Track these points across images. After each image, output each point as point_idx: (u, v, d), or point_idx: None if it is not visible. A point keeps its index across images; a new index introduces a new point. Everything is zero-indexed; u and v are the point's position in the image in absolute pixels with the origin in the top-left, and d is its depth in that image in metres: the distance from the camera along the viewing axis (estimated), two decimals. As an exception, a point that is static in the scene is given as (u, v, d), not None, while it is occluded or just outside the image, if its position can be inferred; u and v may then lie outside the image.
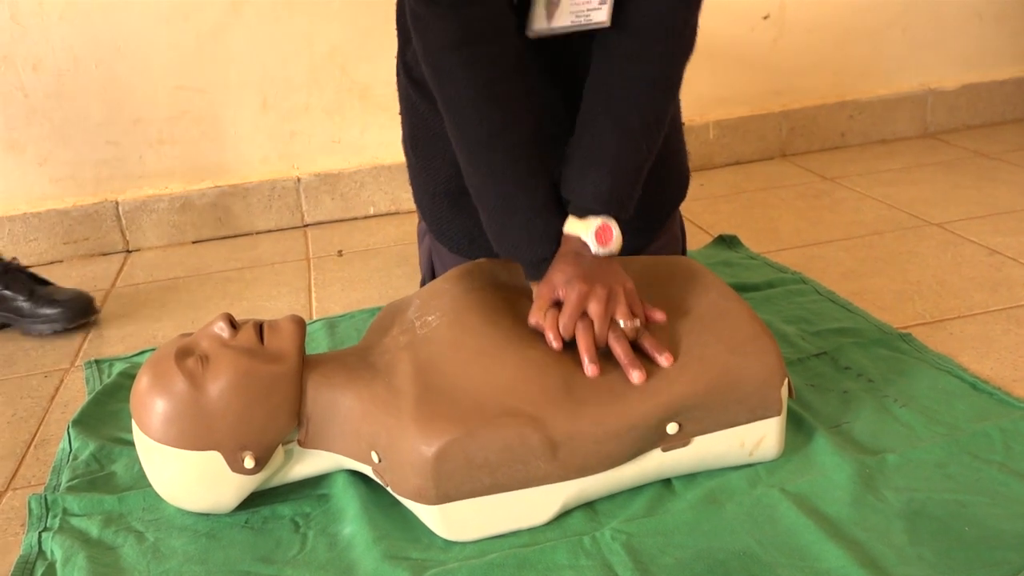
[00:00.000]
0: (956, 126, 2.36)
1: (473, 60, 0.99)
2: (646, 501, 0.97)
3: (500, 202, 1.05)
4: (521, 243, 1.05)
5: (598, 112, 1.04)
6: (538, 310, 1.02)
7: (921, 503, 0.93)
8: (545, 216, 1.05)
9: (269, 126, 2.02)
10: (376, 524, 0.96)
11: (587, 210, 1.04)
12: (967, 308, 1.38)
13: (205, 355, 0.97)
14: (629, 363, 0.96)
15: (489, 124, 1.02)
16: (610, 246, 1.03)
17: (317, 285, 1.73)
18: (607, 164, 1.04)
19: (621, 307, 1.00)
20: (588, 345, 0.98)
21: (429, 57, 1.02)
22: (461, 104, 1.02)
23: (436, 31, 0.99)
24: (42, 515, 1.03)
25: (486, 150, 1.03)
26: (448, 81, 1.01)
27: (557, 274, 1.02)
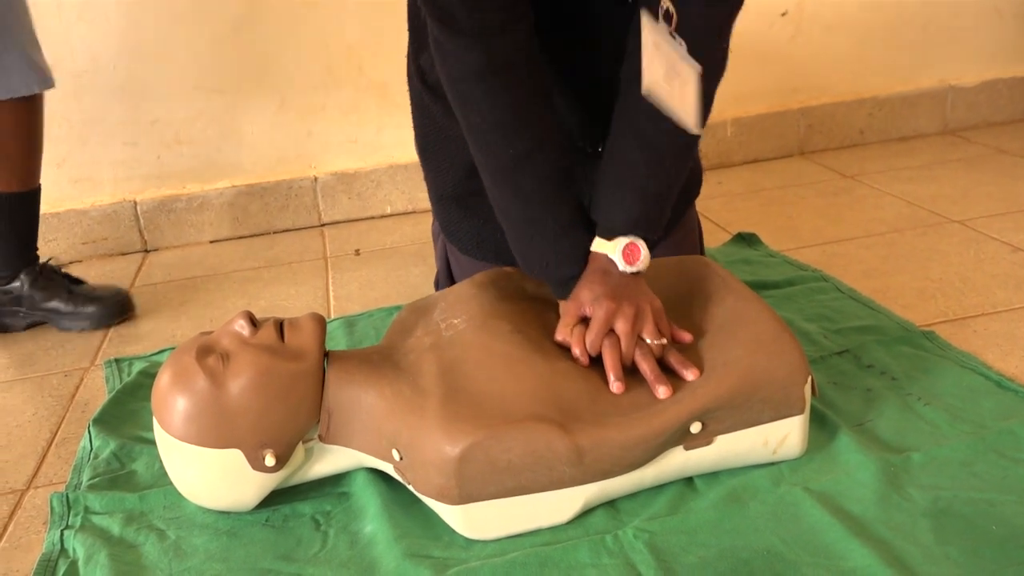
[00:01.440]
0: (976, 123, 2.34)
1: (499, 86, 0.99)
2: (669, 500, 0.97)
3: (526, 224, 1.05)
4: (548, 262, 1.05)
5: (627, 137, 1.04)
6: (565, 327, 1.02)
7: (947, 502, 0.92)
8: (572, 235, 1.05)
9: (286, 126, 2.03)
10: (397, 522, 0.96)
11: (615, 232, 1.04)
12: (991, 305, 1.37)
13: (226, 353, 0.96)
14: (655, 379, 0.97)
15: (514, 149, 1.01)
16: (638, 264, 1.03)
17: (335, 284, 1.73)
18: (637, 189, 1.04)
19: (648, 325, 1.00)
20: (614, 363, 0.98)
21: (452, 85, 1.01)
22: (486, 130, 1.02)
23: (460, 60, 0.99)
24: (64, 513, 1.03)
25: (512, 174, 1.03)
26: (473, 109, 1.01)
27: (584, 292, 1.03)
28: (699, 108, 0.97)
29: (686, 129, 0.99)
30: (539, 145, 1.02)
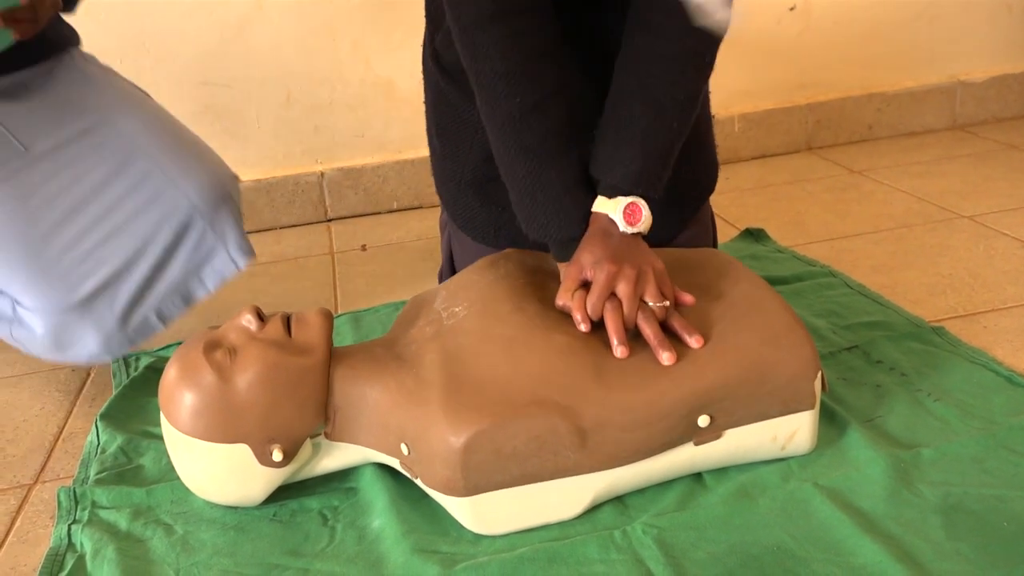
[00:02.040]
0: (985, 118, 2.33)
1: (507, 35, 0.98)
2: (677, 495, 0.96)
3: (529, 181, 1.04)
4: (550, 222, 1.04)
5: (629, 90, 1.03)
6: (566, 291, 1.01)
7: (958, 498, 0.92)
8: (574, 195, 1.04)
9: (292, 121, 2.02)
10: (405, 517, 0.96)
11: (616, 189, 1.03)
12: (1001, 301, 1.36)
13: (233, 347, 0.96)
14: (659, 344, 0.95)
15: (522, 100, 1.00)
16: (639, 225, 1.02)
17: (341, 279, 1.73)
18: (637, 144, 1.02)
19: (650, 287, 0.98)
20: (617, 326, 0.96)
21: (463, 32, 1.01)
22: (495, 79, 1.01)
23: (470, 5, 0.98)
24: (71, 508, 1.03)
25: (518, 126, 1.02)
26: (482, 56, 1.00)
27: (585, 254, 1.01)
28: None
29: (715, 23, 0.96)
30: (546, 98, 1.01)
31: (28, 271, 1.21)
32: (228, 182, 1.35)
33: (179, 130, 1.38)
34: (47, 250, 1.22)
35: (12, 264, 1.21)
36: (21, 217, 1.22)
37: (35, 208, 1.23)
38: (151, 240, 1.25)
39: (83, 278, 1.21)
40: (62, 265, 1.21)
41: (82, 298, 1.21)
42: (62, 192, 1.25)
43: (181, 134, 1.37)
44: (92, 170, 1.27)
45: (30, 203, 1.23)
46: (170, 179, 1.28)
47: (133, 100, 1.36)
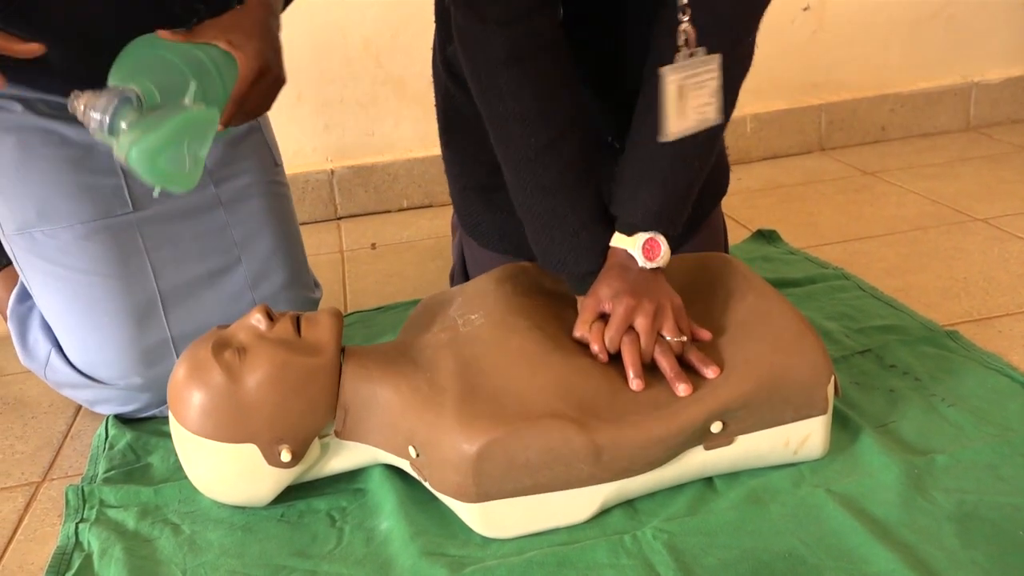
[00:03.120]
0: (1000, 120, 2.31)
1: (522, 76, 0.98)
2: (688, 500, 0.95)
3: (546, 217, 1.04)
4: (567, 257, 1.04)
5: (649, 130, 1.02)
6: (583, 323, 1.01)
7: (973, 505, 0.90)
8: (591, 230, 1.03)
9: (303, 119, 2.02)
10: (413, 520, 0.95)
11: (636, 227, 1.03)
12: (1016, 306, 1.34)
13: (242, 347, 0.96)
14: (675, 376, 0.96)
15: (537, 140, 1.00)
16: (657, 260, 1.02)
17: (351, 278, 1.73)
18: (658, 184, 1.02)
19: (668, 322, 0.99)
20: (634, 360, 0.97)
21: (475, 75, 1.00)
22: (509, 121, 1.00)
23: (483, 48, 0.98)
24: (79, 506, 1.03)
25: (533, 166, 1.01)
26: (496, 98, 1.00)
27: (604, 288, 1.01)
28: (722, 96, 0.96)
29: (712, 123, 0.98)
30: (562, 136, 1.01)
31: (117, 348, 1.18)
32: (307, 298, 1.34)
33: (295, 254, 1.34)
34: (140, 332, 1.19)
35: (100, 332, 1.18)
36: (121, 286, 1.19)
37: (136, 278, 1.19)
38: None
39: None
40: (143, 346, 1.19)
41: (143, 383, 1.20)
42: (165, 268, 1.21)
43: (295, 261, 1.33)
44: (193, 259, 1.23)
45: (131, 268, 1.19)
46: (252, 285, 1.26)
47: (272, 209, 1.31)
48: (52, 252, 1.17)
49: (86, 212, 1.16)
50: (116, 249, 1.18)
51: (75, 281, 1.17)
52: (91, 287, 1.17)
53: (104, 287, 1.17)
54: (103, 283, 1.17)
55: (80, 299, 1.18)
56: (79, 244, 1.17)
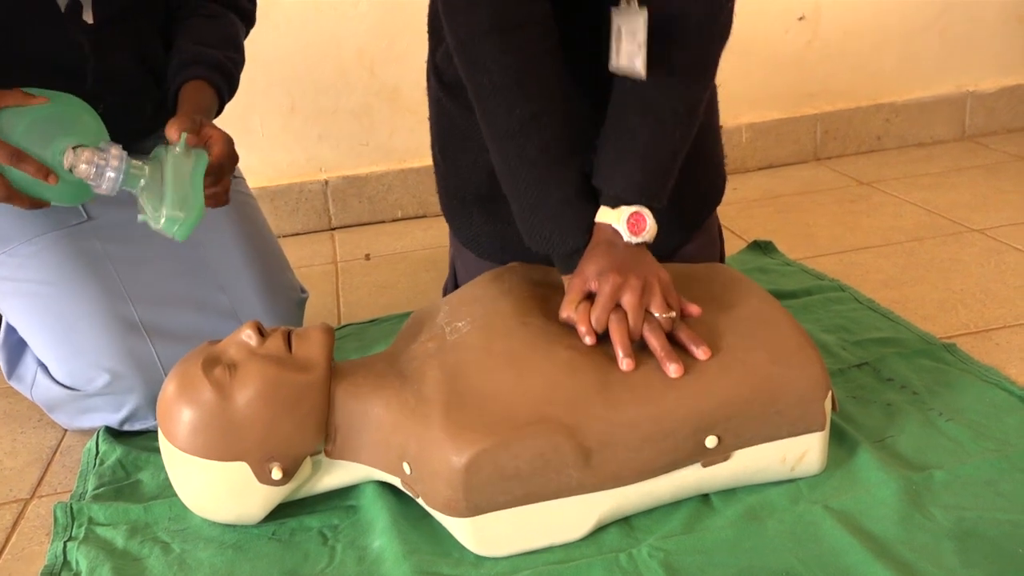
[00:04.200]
0: (995, 129, 2.31)
1: (505, 47, 0.97)
2: (684, 517, 0.94)
3: (531, 192, 1.02)
4: (553, 234, 1.03)
5: (629, 101, 1.02)
6: (570, 303, 0.99)
7: (972, 522, 0.89)
8: (576, 206, 1.02)
9: (296, 129, 2.01)
10: (406, 538, 0.94)
11: (619, 200, 1.01)
12: (1013, 318, 1.34)
13: (233, 363, 0.95)
14: (665, 356, 0.93)
15: (521, 112, 0.99)
16: (643, 235, 1.00)
17: (344, 289, 1.72)
18: (639, 153, 1.01)
19: (656, 298, 0.97)
20: (622, 338, 0.94)
21: (461, 45, 0.99)
22: (493, 92, 0.99)
23: (468, 18, 0.97)
24: (67, 524, 1.02)
25: (517, 139, 1.00)
26: (480, 69, 0.99)
27: (590, 266, 0.99)
28: (646, 51, 0.95)
29: (636, 77, 0.97)
30: (545, 109, 1.00)
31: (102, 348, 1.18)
32: (293, 313, 1.34)
33: (265, 254, 1.34)
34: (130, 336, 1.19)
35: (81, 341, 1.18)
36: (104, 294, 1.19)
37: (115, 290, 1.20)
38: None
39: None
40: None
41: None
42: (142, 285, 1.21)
43: (266, 260, 1.33)
44: (166, 273, 1.23)
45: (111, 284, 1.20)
46: (233, 306, 1.26)
47: (234, 213, 1.31)
48: (13, 270, 1.18)
49: (39, 226, 1.18)
50: (75, 256, 1.18)
51: (41, 294, 1.18)
52: (57, 297, 1.18)
53: (69, 293, 1.17)
54: (67, 289, 1.17)
55: (49, 310, 1.18)
56: (38, 257, 1.18)
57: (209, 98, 1.21)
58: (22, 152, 0.97)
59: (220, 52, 1.24)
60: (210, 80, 1.21)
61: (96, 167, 0.98)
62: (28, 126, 0.99)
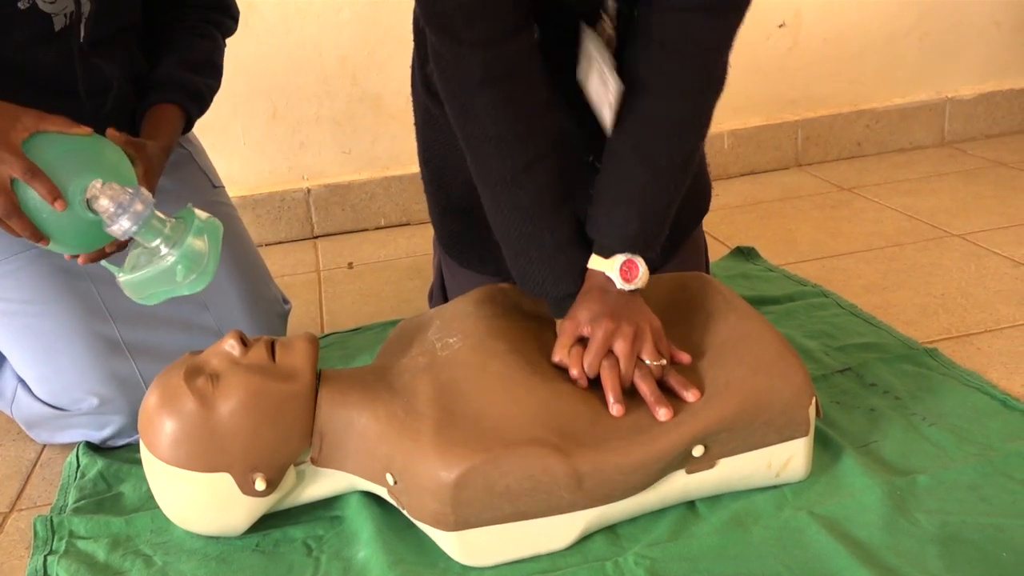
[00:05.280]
0: (974, 135, 2.33)
1: (498, 98, 0.97)
2: (670, 525, 0.94)
3: (523, 240, 1.03)
4: (545, 280, 1.03)
5: (626, 151, 1.02)
6: (562, 347, 1.00)
7: (956, 527, 0.90)
8: (569, 252, 1.03)
9: (278, 137, 2.00)
10: (391, 548, 0.93)
11: (613, 250, 1.02)
12: (994, 322, 1.35)
13: (215, 373, 0.94)
14: (655, 401, 0.95)
15: (513, 162, 0.99)
16: (636, 282, 1.01)
17: (327, 298, 1.71)
18: (635, 205, 1.01)
19: (647, 346, 0.98)
20: (614, 384, 0.96)
21: (451, 96, 0.99)
22: (486, 143, 0.99)
23: (459, 71, 0.96)
24: (48, 538, 1.01)
25: (510, 188, 1.00)
26: (472, 121, 0.99)
27: (582, 311, 1.00)
28: (613, 119, 0.99)
29: (604, 128, 0.99)
30: (538, 159, 1.00)
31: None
32: (277, 326, 1.34)
33: (248, 267, 1.33)
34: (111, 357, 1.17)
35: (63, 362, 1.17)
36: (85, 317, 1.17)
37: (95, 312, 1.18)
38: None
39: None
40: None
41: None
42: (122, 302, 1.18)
43: (249, 273, 1.32)
44: None
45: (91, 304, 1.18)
46: (217, 324, 1.25)
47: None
48: None
49: (18, 244, 1.16)
50: (55, 274, 1.17)
51: (21, 313, 1.17)
52: (37, 316, 1.16)
53: (49, 313, 1.16)
54: (47, 309, 1.16)
55: (29, 329, 1.17)
56: (16, 276, 1.16)
57: (178, 125, 1.22)
58: (38, 170, 0.92)
59: (202, 79, 1.26)
60: (184, 107, 1.23)
61: (119, 205, 0.92)
62: (63, 153, 0.94)
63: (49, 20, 1.10)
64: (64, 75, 1.14)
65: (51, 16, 1.10)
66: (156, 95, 1.21)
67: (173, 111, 1.21)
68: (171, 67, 1.24)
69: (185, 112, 1.23)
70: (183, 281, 0.95)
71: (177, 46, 1.26)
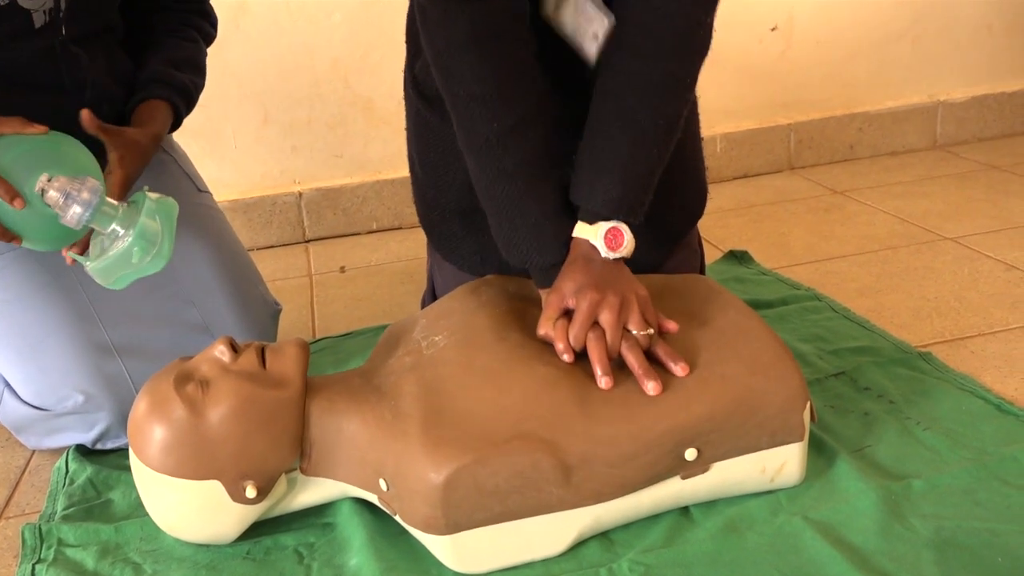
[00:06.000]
0: (966, 138, 2.33)
1: (484, 57, 0.96)
2: (664, 530, 0.93)
3: (508, 206, 1.01)
4: (530, 248, 1.02)
5: (608, 114, 1.01)
6: (547, 320, 0.98)
7: (951, 532, 0.89)
8: (555, 220, 1.01)
9: (270, 140, 1.99)
10: (383, 555, 0.92)
11: (597, 215, 1.00)
12: (987, 326, 1.34)
13: (205, 380, 0.93)
14: (644, 373, 0.93)
15: (499, 124, 0.98)
16: (621, 250, 1.00)
17: (319, 303, 1.70)
18: (618, 169, 1.00)
19: (634, 315, 0.96)
20: (601, 356, 0.94)
21: (438, 56, 0.98)
22: (470, 104, 0.98)
23: (445, 28, 0.96)
24: (36, 546, 0.99)
25: (495, 151, 0.99)
26: (457, 80, 0.98)
27: (567, 282, 0.99)
28: (597, 52, 0.97)
29: (586, 61, 0.97)
30: (524, 121, 0.99)
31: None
32: (267, 326, 1.33)
33: (236, 267, 1.32)
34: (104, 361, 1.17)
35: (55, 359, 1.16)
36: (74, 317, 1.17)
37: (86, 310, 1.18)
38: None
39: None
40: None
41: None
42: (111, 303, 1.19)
43: (236, 273, 1.31)
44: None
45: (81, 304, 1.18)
46: (205, 321, 1.25)
47: (200, 227, 1.30)
48: None
49: (3, 243, 1.14)
50: (41, 273, 1.17)
51: (5, 312, 1.16)
52: (22, 314, 1.16)
53: (35, 311, 1.16)
54: (32, 306, 1.16)
55: (13, 328, 1.16)
56: (1, 273, 1.16)
57: (166, 119, 1.23)
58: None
59: (188, 76, 1.27)
60: (172, 102, 1.24)
61: (66, 196, 0.94)
62: (18, 154, 0.97)
63: (29, 16, 1.10)
64: (46, 72, 1.14)
65: (30, 12, 1.10)
66: (144, 92, 1.22)
67: (161, 106, 1.22)
68: (157, 65, 1.25)
69: (173, 107, 1.24)
70: (140, 262, 0.97)
71: (162, 46, 1.28)
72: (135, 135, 1.13)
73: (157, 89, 1.22)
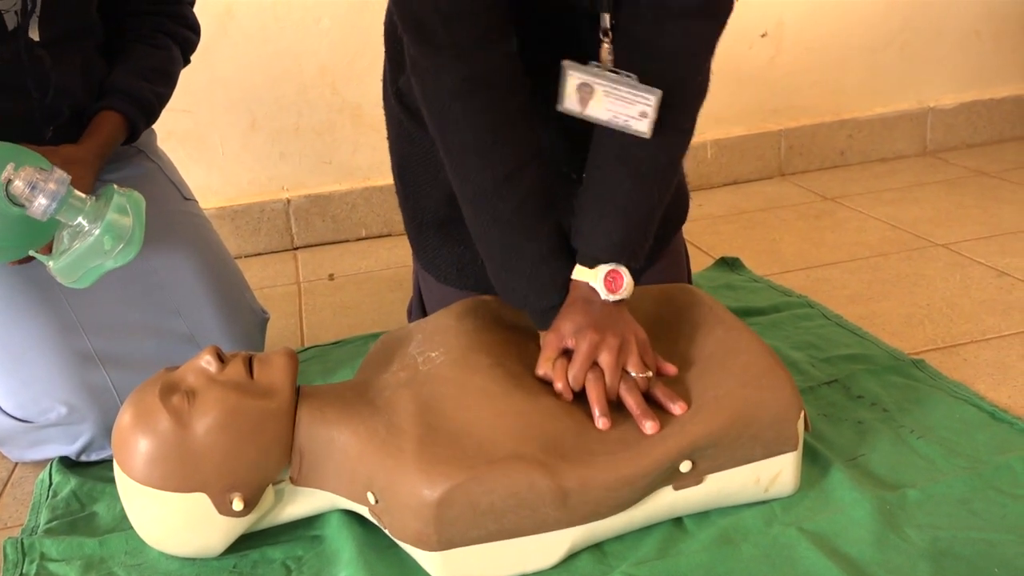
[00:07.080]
0: (955, 144, 2.33)
1: (477, 108, 0.95)
2: (657, 542, 0.92)
3: (506, 251, 1.01)
4: (529, 292, 1.02)
5: (609, 160, 1.00)
6: (546, 360, 0.98)
7: (947, 542, 0.89)
8: (552, 264, 1.01)
9: (257, 147, 1.98)
10: (372, 568, 0.91)
11: (597, 259, 1.00)
12: (980, 333, 1.34)
13: (191, 391, 0.91)
14: (642, 414, 0.93)
15: (494, 172, 0.97)
16: (620, 292, 0.99)
17: (308, 310, 1.68)
18: (619, 214, 1.00)
19: (633, 358, 0.97)
20: (599, 397, 0.94)
21: (430, 105, 0.97)
22: (465, 152, 0.98)
23: (437, 78, 0.95)
24: (18, 560, 0.98)
25: (491, 199, 0.99)
26: (450, 130, 0.97)
27: (566, 323, 0.98)
28: (651, 126, 0.95)
29: (639, 135, 0.95)
30: (519, 168, 0.98)
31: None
32: (254, 335, 1.32)
33: (222, 275, 1.31)
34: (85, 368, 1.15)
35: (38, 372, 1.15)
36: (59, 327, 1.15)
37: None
38: None
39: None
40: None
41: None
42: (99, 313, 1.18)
43: (223, 281, 1.30)
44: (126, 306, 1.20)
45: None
46: (190, 330, 1.24)
47: (186, 235, 1.29)
48: None
49: None
50: (22, 283, 1.15)
51: None
52: (5, 326, 1.14)
53: (16, 321, 1.14)
54: (14, 317, 1.14)
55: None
56: None
57: (117, 131, 1.21)
58: None
59: (151, 86, 1.26)
60: (128, 115, 1.22)
61: (32, 186, 0.91)
62: None
63: (0, 19, 1.08)
64: (17, 75, 1.13)
65: (1, 13, 1.08)
66: (103, 101, 1.21)
67: (114, 118, 1.21)
68: (120, 75, 1.24)
69: (128, 119, 1.22)
70: (112, 252, 0.94)
71: (129, 55, 1.26)
72: (72, 153, 1.11)
73: (115, 101, 1.21)
